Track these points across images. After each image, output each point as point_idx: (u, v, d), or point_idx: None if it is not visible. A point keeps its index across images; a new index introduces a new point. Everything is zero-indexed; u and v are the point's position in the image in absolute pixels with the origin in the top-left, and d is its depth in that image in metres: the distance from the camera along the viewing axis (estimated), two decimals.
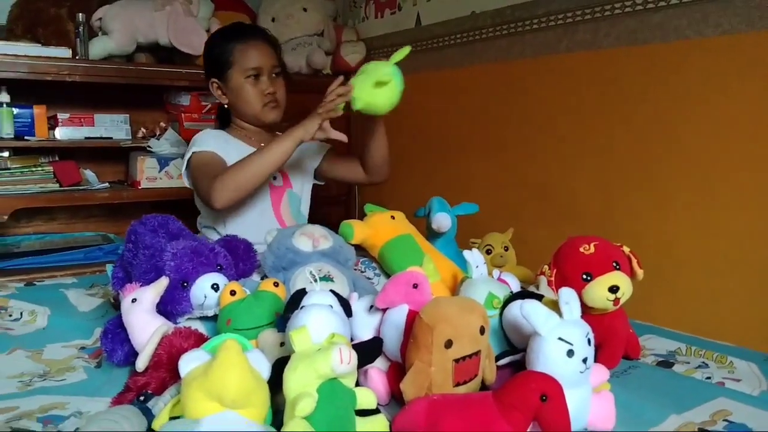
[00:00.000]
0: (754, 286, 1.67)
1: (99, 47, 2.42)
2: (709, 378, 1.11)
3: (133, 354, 1.05)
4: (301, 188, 1.79)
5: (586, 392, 0.88)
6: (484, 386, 0.93)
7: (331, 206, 3.01)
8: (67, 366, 1.18)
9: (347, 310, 0.93)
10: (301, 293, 0.91)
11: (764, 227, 1.64)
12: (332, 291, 0.94)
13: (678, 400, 1.00)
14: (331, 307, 0.88)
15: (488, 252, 1.55)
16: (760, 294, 1.65)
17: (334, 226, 1.35)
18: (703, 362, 1.19)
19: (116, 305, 1.47)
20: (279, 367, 0.80)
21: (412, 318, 0.92)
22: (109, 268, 1.31)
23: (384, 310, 0.99)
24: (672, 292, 1.81)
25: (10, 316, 1.44)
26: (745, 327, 1.65)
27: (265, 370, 0.78)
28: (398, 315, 0.96)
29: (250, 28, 1.71)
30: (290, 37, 2.98)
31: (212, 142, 1.62)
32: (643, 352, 1.23)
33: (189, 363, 0.76)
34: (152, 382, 0.93)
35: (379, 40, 2.97)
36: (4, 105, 2.26)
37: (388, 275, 1.36)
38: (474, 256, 1.09)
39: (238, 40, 1.62)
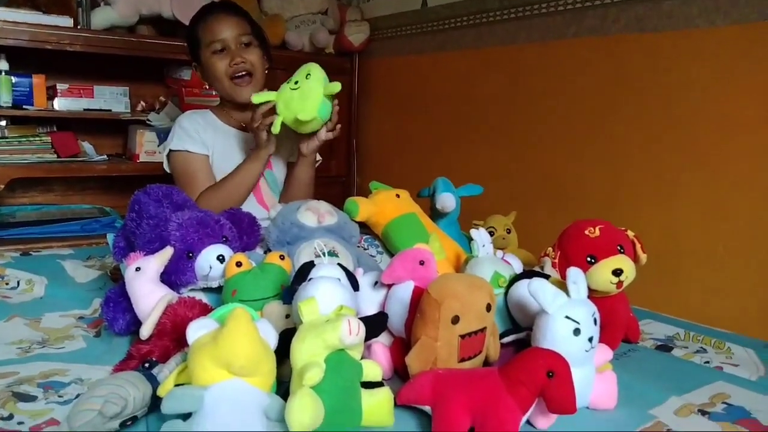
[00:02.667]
0: (755, 276, 1.68)
1: (101, 17, 2.40)
2: (707, 362, 1.12)
3: (135, 323, 1.04)
4: (280, 172, 1.76)
5: (590, 371, 0.88)
6: (487, 363, 0.93)
7: (331, 186, 3.00)
8: (66, 334, 1.18)
9: (354, 284, 0.93)
10: (310, 265, 0.91)
11: (766, 219, 1.65)
12: (339, 264, 0.93)
13: (678, 383, 1.01)
14: (339, 280, 0.88)
15: (491, 234, 1.54)
16: (761, 285, 1.66)
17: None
18: (702, 347, 1.20)
19: (114, 278, 1.47)
20: (284, 338, 0.80)
21: (418, 294, 0.92)
22: (110, 237, 1.30)
23: (389, 286, 0.99)
24: (673, 280, 1.82)
25: (7, 284, 1.44)
26: (746, 317, 1.66)
27: (272, 340, 0.78)
28: (404, 291, 0.96)
29: (213, 4, 1.67)
30: (294, 14, 2.96)
31: (190, 132, 1.60)
32: (642, 336, 1.24)
33: (197, 330, 0.75)
34: (156, 350, 0.93)
35: (384, 21, 2.94)
36: (3, 73, 2.24)
37: (391, 253, 1.36)
38: (480, 235, 1.09)
39: (201, 19, 1.61)
